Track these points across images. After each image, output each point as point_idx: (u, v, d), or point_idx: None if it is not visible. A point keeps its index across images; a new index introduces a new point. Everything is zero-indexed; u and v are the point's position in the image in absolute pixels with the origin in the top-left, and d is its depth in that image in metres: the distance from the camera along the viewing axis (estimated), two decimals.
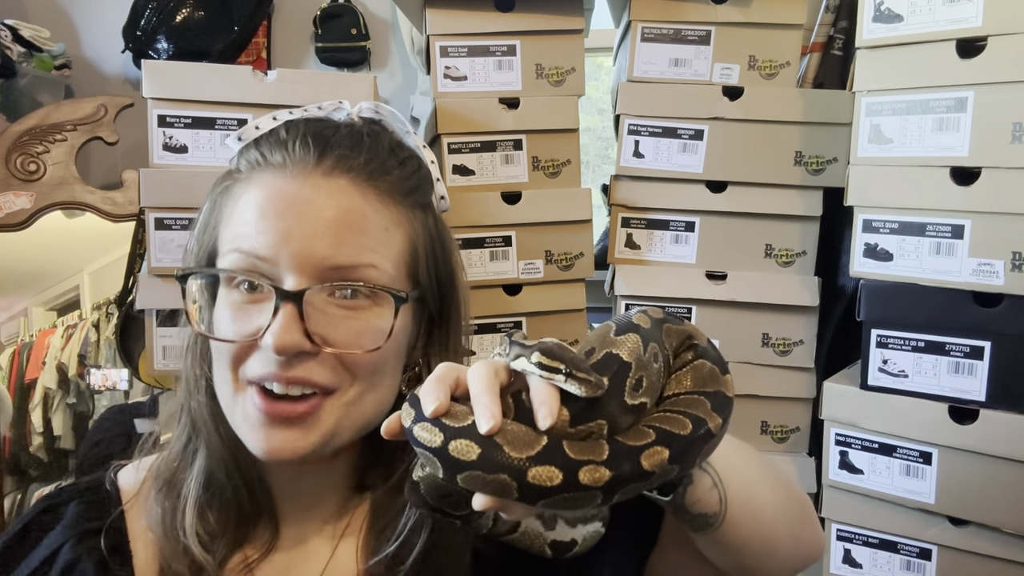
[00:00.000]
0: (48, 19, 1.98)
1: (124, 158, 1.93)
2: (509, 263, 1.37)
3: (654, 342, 0.49)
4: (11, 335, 2.01)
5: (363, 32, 2.03)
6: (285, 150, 0.62)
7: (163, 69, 1.26)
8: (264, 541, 0.66)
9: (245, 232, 0.60)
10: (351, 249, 0.59)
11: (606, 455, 0.43)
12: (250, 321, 0.59)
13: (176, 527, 0.63)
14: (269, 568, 0.66)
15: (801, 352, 1.36)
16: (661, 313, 0.52)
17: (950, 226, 1.10)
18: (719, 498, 0.53)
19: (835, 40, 1.47)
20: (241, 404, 0.61)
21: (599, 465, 0.43)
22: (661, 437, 0.45)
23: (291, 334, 0.57)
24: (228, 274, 0.61)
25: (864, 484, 1.20)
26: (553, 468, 0.42)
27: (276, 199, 0.60)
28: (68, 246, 1.96)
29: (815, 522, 0.65)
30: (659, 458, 0.44)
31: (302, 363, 0.58)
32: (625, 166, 1.39)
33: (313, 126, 0.64)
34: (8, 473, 1.87)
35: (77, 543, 0.64)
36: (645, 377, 0.47)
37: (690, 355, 0.51)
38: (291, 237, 0.59)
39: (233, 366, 0.61)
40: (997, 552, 1.11)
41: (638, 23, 1.36)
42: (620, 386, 0.45)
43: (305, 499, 0.68)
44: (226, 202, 0.64)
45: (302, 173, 0.61)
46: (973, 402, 1.11)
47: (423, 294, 0.66)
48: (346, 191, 0.61)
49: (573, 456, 0.43)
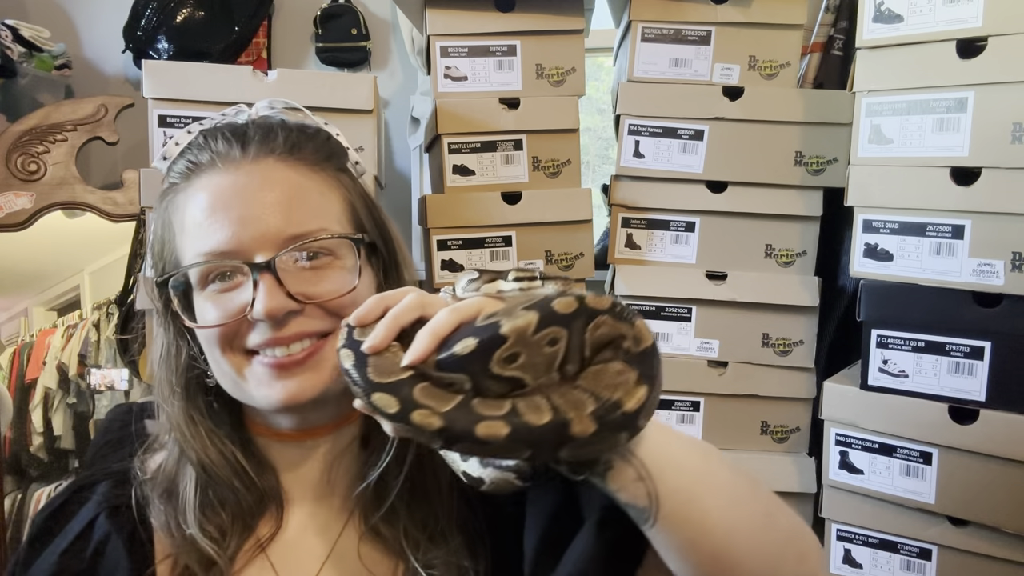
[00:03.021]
0: (48, 19, 1.98)
1: (124, 158, 1.93)
2: (509, 263, 1.37)
3: (560, 327, 0.49)
4: (11, 335, 2.01)
5: (363, 32, 2.03)
6: (210, 150, 0.67)
7: (163, 69, 1.26)
8: (274, 522, 0.69)
9: (202, 234, 0.64)
10: (299, 218, 0.65)
11: (447, 407, 0.47)
12: (232, 303, 0.64)
13: (181, 525, 0.66)
14: (280, 548, 0.68)
15: (801, 352, 1.36)
16: (606, 305, 0.50)
17: (950, 226, 1.10)
18: (647, 493, 0.52)
19: (835, 40, 1.47)
20: (250, 375, 0.65)
21: (435, 415, 0.47)
22: (510, 417, 0.47)
23: (276, 299, 0.62)
24: (202, 272, 0.65)
25: (864, 484, 1.20)
26: (392, 399, 0.48)
27: (219, 194, 0.65)
28: (68, 246, 1.96)
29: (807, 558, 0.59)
30: (495, 432, 0.46)
31: (293, 320, 0.64)
32: (625, 166, 1.39)
33: (226, 126, 0.70)
34: (8, 473, 1.87)
35: (108, 517, 0.68)
36: (524, 355, 0.48)
37: (611, 354, 0.50)
38: (245, 222, 0.63)
39: (226, 348, 0.65)
40: (997, 552, 1.11)
41: (638, 23, 1.36)
42: (487, 353, 0.48)
43: (312, 474, 0.70)
44: (173, 214, 0.68)
45: (232, 164, 0.66)
46: (973, 402, 1.11)
47: (372, 240, 0.71)
48: (276, 169, 0.67)
49: (416, 397, 0.47)
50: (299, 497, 0.70)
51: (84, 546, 0.67)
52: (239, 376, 0.65)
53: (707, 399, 1.38)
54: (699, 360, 1.38)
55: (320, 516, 0.70)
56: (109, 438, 0.91)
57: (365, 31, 2.03)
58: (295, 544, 0.69)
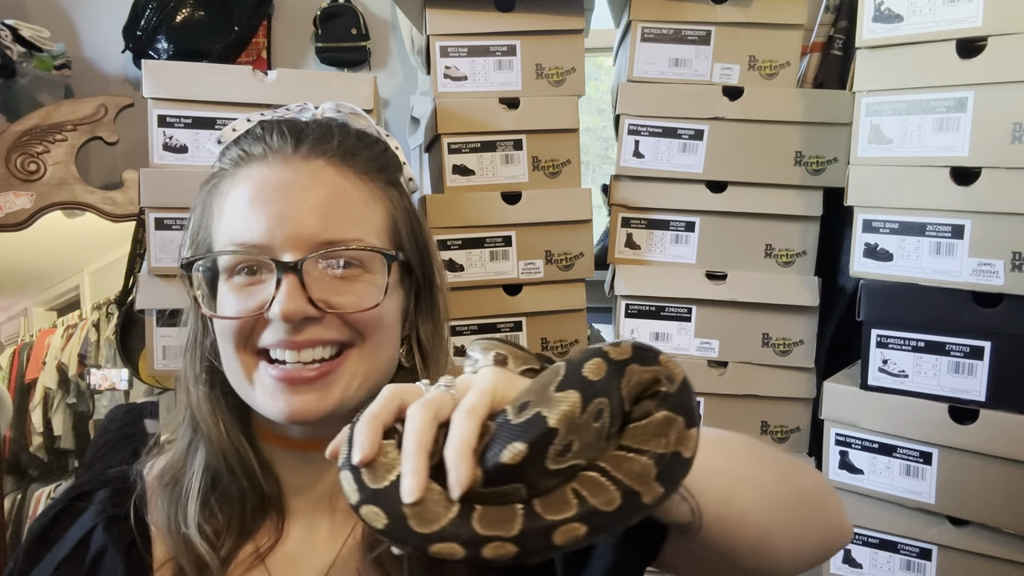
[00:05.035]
0: (48, 19, 1.98)
1: (124, 158, 1.93)
2: (509, 263, 1.37)
3: (602, 396, 0.45)
4: (11, 335, 2.01)
5: (363, 32, 2.03)
6: (264, 143, 0.67)
7: (163, 69, 1.26)
8: (274, 532, 0.68)
9: (238, 224, 0.64)
10: (338, 224, 0.64)
11: (516, 531, 0.42)
12: (253, 299, 0.63)
13: (180, 523, 0.65)
14: (280, 558, 0.67)
15: (801, 352, 1.36)
16: (629, 351, 0.47)
17: (950, 226, 1.10)
18: (690, 509, 0.52)
19: (835, 40, 1.47)
20: (258, 380, 0.64)
21: (507, 542, 0.42)
22: (582, 513, 0.43)
23: (295, 301, 0.61)
24: (230, 261, 0.64)
25: (864, 484, 1.20)
26: (455, 545, 0.42)
27: (262, 187, 0.64)
28: (68, 246, 1.96)
29: (830, 512, 0.64)
30: (573, 535, 0.43)
31: (309, 327, 0.62)
32: (625, 166, 1.39)
33: (286, 121, 0.69)
34: (8, 473, 1.87)
35: (106, 528, 0.67)
36: (577, 440, 0.44)
37: (652, 404, 0.47)
38: (282, 219, 0.63)
39: (241, 344, 0.64)
40: (997, 552, 1.11)
41: (638, 23, 1.36)
42: (541, 453, 0.43)
43: (316, 486, 0.69)
44: (214, 200, 0.67)
45: (283, 160, 0.65)
46: (973, 402, 1.11)
47: (408, 259, 0.70)
48: (325, 171, 0.66)
49: (481, 531, 0.42)
50: (301, 509, 0.69)
51: (81, 558, 0.66)
52: (247, 378, 0.65)
53: (707, 399, 1.38)
54: (699, 360, 1.38)
55: (321, 529, 0.69)
56: (108, 438, 0.91)
57: (365, 31, 2.03)
58: (295, 556, 0.67)
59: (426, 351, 0.71)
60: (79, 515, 0.69)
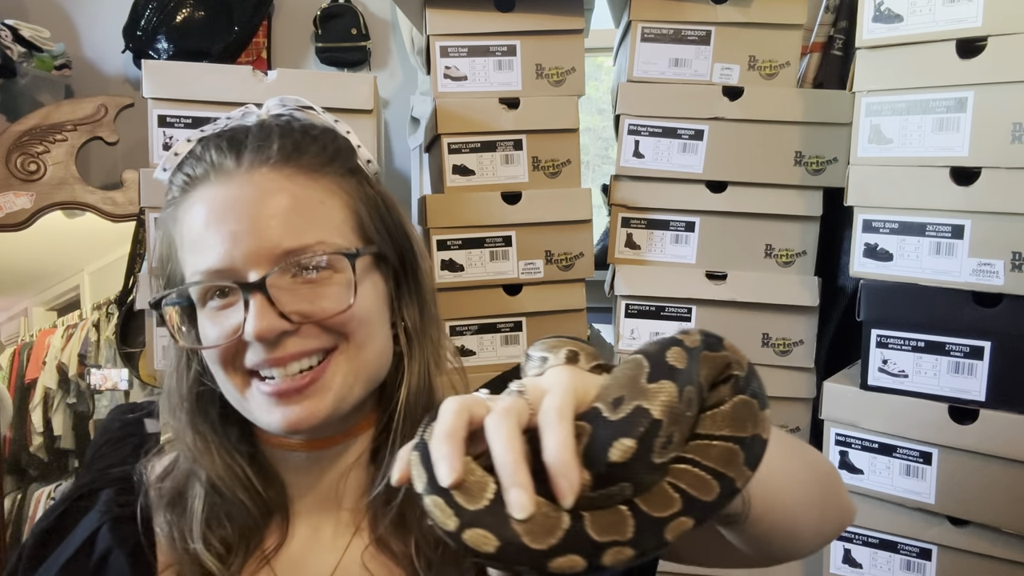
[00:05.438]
0: (48, 19, 1.98)
1: (124, 158, 1.93)
2: (509, 263, 1.37)
3: (690, 385, 0.44)
4: (11, 335, 2.01)
5: (363, 32, 2.03)
6: (204, 162, 0.65)
7: (163, 69, 1.26)
8: (279, 534, 0.68)
9: (196, 250, 0.63)
10: (295, 230, 0.62)
11: (631, 532, 0.40)
12: (227, 322, 0.62)
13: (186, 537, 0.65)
14: (285, 561, 0.67)
15: (801, 352, 1.36)
16: (698, 339, 0.46)
17: (950, 226, 1.10)
18: (742, 500, 0.53)
19: (835, 40, 1.47)
20: (251, 397, 0.64)
21: (624, 546, 0.40)
22: (687, 506, 0.42)
23: (266, 319, 0.59)
24: (198, 291, 0.63)
25: (864, 484, 1.20)
26: (576, 557, 0.39)
27: (213, 208, 0.62)
28: (68, 246, 1.96)
29: (840, 494, 0.65)
30: (683, 528, 0.41)
31: (289, 340, 0.61)
32: (625, 166, 1.39)
33: (226, 134, 0.67)
34: (8, 473, 1.87)
35: (111, 529, 0.67)
36: (677, 431, 0.43)
37: (727, 390, 0.46)
38: (236, 238, 0.61)
39: (228, 367, 0.64)
40: (997, 552, 1.11)
41: (638, 23, 1.36)
42: (648, 448, 0.41)
43: (318, 486, 0.69)
44: (173, 229, 0.66)
45: (225, 176, 0.63)
46: (973, 402, 1.11)
47: (380, 249, 0.68)
48: (270, 179, 0.63)
49: (597, 538, 0.39)
50: (306, 509, 0.69)
51: (87, 558, 0.66)
52: (241, 396, 0.64)
53: None
54: None
55: (327, 528, 0.69)
56: (109, 437, 0.91)
57: (365, 31, 2.03)
58: (301, 557, 0.67)
59: (411, 335, 0.70)
60: (83, 514, 0.69)
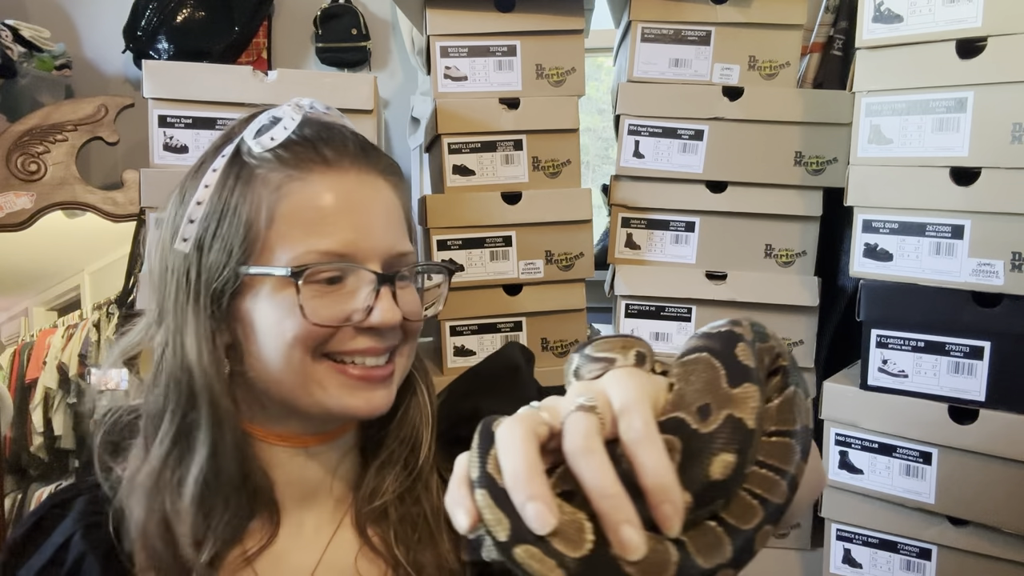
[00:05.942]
0: (48, 19, 1.98)
1: (124, 158, 1.94)
2: (509, 263, 1.37)
3: (762, 384, 0.41)
4: (12, 335, 2.01)
5: (363, 32, 2.03)
6: (317, 151, 0.66)
7: (163, 69, 1.26)
8: (263, 533, 0.68)
9: (315, 231, 0.63)
10: (400, 236, 0.68)
11: (730, 552, 0.38)
12: (341, 306, 0.64)
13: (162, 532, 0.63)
14: (267, 558, 0.67)
15: (801, 352, 1.36)
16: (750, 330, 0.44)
17: (950, 226, 1.10)
18: None
19: (835, 40, 1.47)
20: (327, 381, 0.65)
21: (727, 567, 0.38)
22: (769, 513, 0.40)
23: (394, 312, 0.65)
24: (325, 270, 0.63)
25: (864, 484, 1.20)
26: None
27: (338, 195, 0.65)
28: (69, 246, 1.96)
29: (819, 462, 0.67)
30: (768, 536, 0.40)
31: (389, 333, 0.67)
32: (625, 166, 1.39)
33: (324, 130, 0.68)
34: (8, 473, 1.87)
35: (84, 535, 0.66)
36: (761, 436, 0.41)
37: (778, 380, 0.45)
38: (362, 230, 0.65)
39: (310, 349, 0.64)
40: (997, 552, 1.11)
41: (638, 23, 1.36)
42: (746, 460, 0.39)
43: (309, 481, 0.70)
44: (270, 197, 0.63)
45: (342, 171, 0.66)
46: (973, 402, 1.11)
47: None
48: (379, 186, 0.68)
49: (706, 565, 0.37)
50: (291, 505, 0.69)
51: (60, 565, 0.65)
52: (306, 377, 0.63)
53: None
54: None
55: (309, 523, 0.70)
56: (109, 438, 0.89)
57: (365, 31, 2.04)
58: (282, 555, 0.68)
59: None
60: (58, 522, 0.68)
